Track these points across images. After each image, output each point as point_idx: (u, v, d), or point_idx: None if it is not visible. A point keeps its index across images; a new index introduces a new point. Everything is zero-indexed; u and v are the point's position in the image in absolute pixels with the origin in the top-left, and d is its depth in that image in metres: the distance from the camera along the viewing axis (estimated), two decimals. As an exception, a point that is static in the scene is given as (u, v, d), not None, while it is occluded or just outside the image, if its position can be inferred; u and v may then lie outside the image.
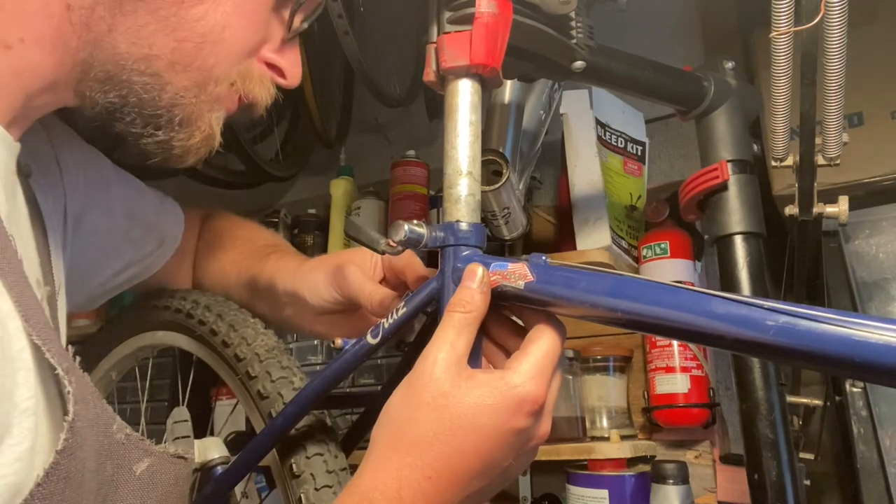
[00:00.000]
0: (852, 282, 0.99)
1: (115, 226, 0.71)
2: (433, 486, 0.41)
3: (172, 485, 0.50)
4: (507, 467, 0.44)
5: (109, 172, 0.72)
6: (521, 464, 0.46)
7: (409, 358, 0.72)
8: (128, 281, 0.77)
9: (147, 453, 0.48)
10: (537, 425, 0.45)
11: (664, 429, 1.17)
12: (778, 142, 0.73)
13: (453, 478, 0.42)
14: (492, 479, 0.44)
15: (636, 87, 0.74)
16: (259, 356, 0.70)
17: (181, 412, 0.78)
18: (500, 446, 0.43)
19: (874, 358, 0.30)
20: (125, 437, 0.45)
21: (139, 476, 0.46)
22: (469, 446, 0.42)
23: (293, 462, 0.65)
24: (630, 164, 1.29)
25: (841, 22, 0.57)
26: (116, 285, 0.76)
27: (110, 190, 0.70)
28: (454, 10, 0.55)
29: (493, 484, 0.45)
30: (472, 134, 0.54)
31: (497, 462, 0.43)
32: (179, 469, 0.52)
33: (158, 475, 0.48)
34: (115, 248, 0.72)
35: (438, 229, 0.54)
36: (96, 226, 0.68)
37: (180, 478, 0.52)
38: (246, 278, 0.76)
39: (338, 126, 1.75)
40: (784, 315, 0.33)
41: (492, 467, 0.43)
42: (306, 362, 1.43)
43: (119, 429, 0.45)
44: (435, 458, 0.42)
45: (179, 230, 0.79)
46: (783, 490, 0.64)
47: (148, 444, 0.48)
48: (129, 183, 0.74)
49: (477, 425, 0.42)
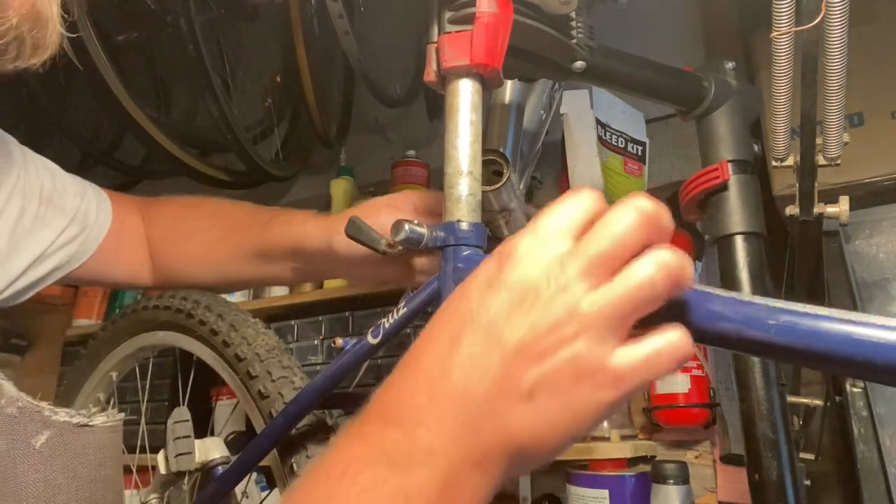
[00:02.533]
0: (853, 282, 0.98)
1: (27, 208, 0.67)
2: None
3: (80, 455, 0.48)
4: (486, 318, 0.36)
5: (14, 152, 0.68)
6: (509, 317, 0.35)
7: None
8: (56, 270, 0.72)
9: (46, 425, 0.46)
10: (504, 269, 0.36)
11: (664, 429, 1.17)
12: (778, 142, 0.73)
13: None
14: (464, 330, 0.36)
15: (636, 87, 0.73)
16: (260, 356, 0.70)
17: (181, 412, 0.78)
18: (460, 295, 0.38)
19: (876, 357, 0.30)
20: (17, 410, 0.44)
21: (39, 449, 0.45)
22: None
23: (294, 462, 0.65)
24: (630, 164, 1.29)
25: (841, 22, 0.57)
26: (42, 276, 0.70)
27: (19, 170, 0.67)
28: (455, 9, 0.55)
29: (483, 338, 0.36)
30: (473, 134, 0.54)
31: (459, 311, 0.37)
32: (87, 438, 0.49)
33: (62, 447, 0.47)
34: (28, 232, 0.67)
35: (439, 229, 0.54)
36: (3, 207, 0.65)
37: (89, 446, 0.49)
38: (249, 250, 0.74)
39: (338, 126, 1.75)
40: (785, 314, 0.33)
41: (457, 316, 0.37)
42: (306, 362, 1.43)
43: (8, 402, 0.43)
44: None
45: (106, 215, 0.76)
46: (783, 490, 0.64)
47: (47, 415, 0.46)
48: (42, 165, 0.71)
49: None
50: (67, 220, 0.71)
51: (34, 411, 0.45)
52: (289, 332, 1.48)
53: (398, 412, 0.36)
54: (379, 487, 0.34)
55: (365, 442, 0.36)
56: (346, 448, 0.37)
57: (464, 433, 0.35)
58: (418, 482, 0.34)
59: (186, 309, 0.78)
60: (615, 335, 0.34)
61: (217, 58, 1.55)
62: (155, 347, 0.87)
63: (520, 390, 0.34)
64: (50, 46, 0.47)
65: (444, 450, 0.35)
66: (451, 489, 0.34)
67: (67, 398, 0.93)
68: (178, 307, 0.79)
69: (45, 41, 0.46)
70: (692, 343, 0.35)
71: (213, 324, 0.75)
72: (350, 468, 0.35)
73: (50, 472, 0.45)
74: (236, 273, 0.76)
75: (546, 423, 0.34)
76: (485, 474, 0.35)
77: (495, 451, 0.35)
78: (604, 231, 0.35)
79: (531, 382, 0.34)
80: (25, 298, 0.70)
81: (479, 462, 0.35)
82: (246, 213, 0.78)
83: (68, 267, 0.73)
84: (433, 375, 0.36)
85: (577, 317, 0.33)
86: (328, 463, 0.36)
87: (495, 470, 0.35)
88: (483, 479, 0.35)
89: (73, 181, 0.74)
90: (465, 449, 0.35)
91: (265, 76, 1.79)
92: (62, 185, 0.72)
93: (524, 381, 0.34)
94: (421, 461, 0.34)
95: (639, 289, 0.33)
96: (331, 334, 1.44)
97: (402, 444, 0.35)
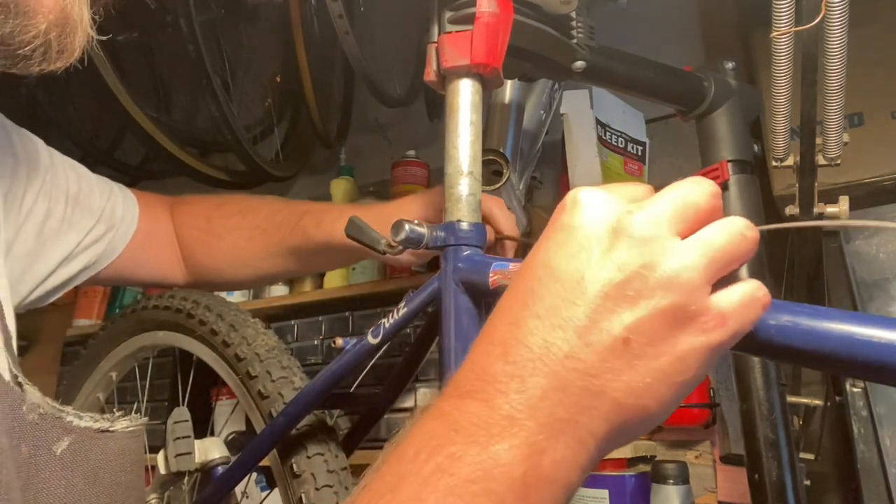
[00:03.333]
0: (853, 282, 0.98)
1: (53, 209, 0.67)
2: None
3: (101, 461, 0.48)
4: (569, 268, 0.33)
5: (42, 154, 0.68)
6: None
7: (410, 358, 0.72)
8: (84, 271, 0.72)
9: (67, 431, 0.45)
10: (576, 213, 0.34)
11: (664, 429, 1.17)
12: (778, 142, 0.73)
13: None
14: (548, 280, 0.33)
15: (637, 87, 0.74)
16: (259, 356, 0.70)
17: (181, 412, 0.78)
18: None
19: (876, 357, 0.30)
20: (38, 416, 0.43)
21: (60, 456, 0.44)
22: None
23: (294, 462, 0.65)
24: (630, 164, 1.29)
25: (841, 22, 0.57)
26: (70, 276, 0.71)
27: (45, 172, 0.67)
28: (455, 9, 0.55)
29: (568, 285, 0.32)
30: (473, 134, 0.54)
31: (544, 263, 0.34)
32: (108, 444, 0.48)
33: (82, 453, 0.46)
34: (55, 233, 0.68)
35: (439, 229, 0.54)
36: (31, 209, 0.65)
37: (110, 453, 0.49)
38: (281, 250, 0.77)
39: (338, 126, 1.75)
40: (786, 314, 0.33)
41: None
42: (306, 362, 1.43)
43: (30, 409, 0.43)
44: None
45: (133, 214, 0.76)
46: (783, 490, 0.64)
47: (68, 421, 0.45)
48: (70, 167, 0.71)
49: None
50: (94, 219, 0.72)
51: (55, 417, 0.45)
52: (289, 332, 1.47)
53: (473, 384, 0.33)
54: (456, 465, 0.30)
55: (441, 419, 0.32)
56: (421, 427, 0.33)
57: (548, 396, 0.31)
58: (498, 455, 0.30)
59: (186, 309, 0.78)
60: (710, 282, 0.31)
61: (217, 58, 1.55)
62: (155, 347, 0.87)
63: (612, 339, 0.30)
64: (77, 50, 0.46)
65: (526, 416, 0.31)
66: (537, 462, 0.30)
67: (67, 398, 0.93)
68: (178, 307, 0.79)
69: (73, 46, 0.45)
70: None
71: (212, 324, 0.74)
72: (425, 448, 0.31)
73: (71, 478, 0.45)
74: (270, 270, 0.79)
75: (648, 375, 0.30)
76: (578, 444, 0.31)
77: (589, 414, 0.31)
78: (674, 193, 0.33)
79: (625, 329, 0.30)
80: (54, 299, 0.71)
81: (569, 429, 0.31)
82: (274, 211, 0.80)
83: (97, 266, 0.73)
84: (508, 338, 0.33)
85: (675, 257, 0.31)
86: (403, 445, 0.32)
87: (590, 438, 0.31)
88: (576, 449, 0.31)
89: (100, 181, 0.74)
90: (550, 414, 0.31)
91: (265, 76, 1.79)
92: (88, 185, 0.72)
93: (616, 327, 0.31)
94: (501, 432, 0.30)
95: (729, 238, 0.32)
96: (331, 334, 1.43)
97: (479, 416, 0.31)
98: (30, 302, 0.67)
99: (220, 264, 0.81)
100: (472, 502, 0.29)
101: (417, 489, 0.30)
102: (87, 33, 0.46)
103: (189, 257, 0.82)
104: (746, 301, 0.32)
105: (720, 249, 0.32)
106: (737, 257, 0.32)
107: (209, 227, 0.81)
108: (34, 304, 0.69)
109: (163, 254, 0.81)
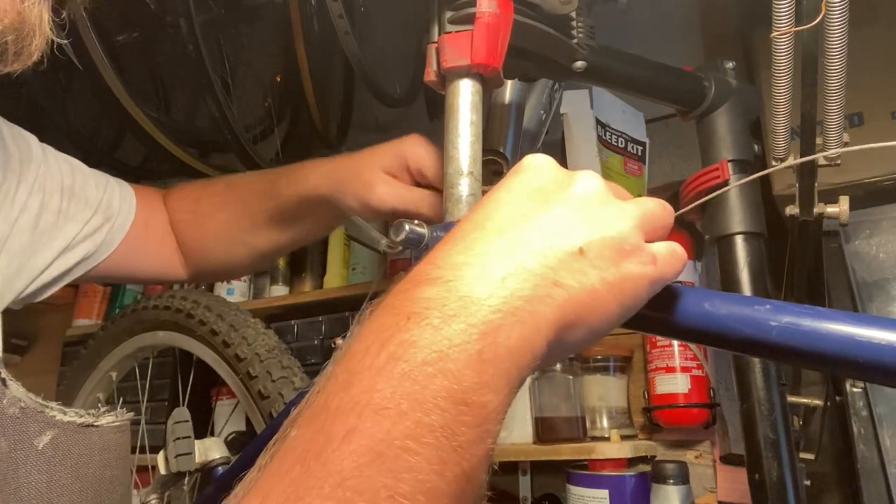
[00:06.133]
0: (853, 282, 0.98)
1: (48, 202, 0.67)
2: None
3: (85, 456, 0.47)
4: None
5: (34, 149, 0.68)
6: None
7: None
8: (82, 262, 0.72)
9: (49, 426, 0.45)
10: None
11: (664, 429, 1.17)
12: (778, 142, 0.72)
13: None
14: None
15: (637, 87, 0.73)
16: (260, 356, 0.70)
17: (181, 412, 0.78)
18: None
19: (876, 358, 0.30)
20: (19, 410, 0.43)
21: (42, 450, 0.44)
22: None
23: (294, 462, 0.65)
24: (630, 164, 1.29)
25: (841, 22, 0.57)
26: (67, 269, 0.70)
27: (38, 165, 0.67)
28: (455, 9, 0.55)
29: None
30: (473, 134, 0.54)
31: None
32: (92, 439, 0.48)
33: (65, 447, 0.46)
34: (52, 226, 0.67)
35: (440, 229, 0.54)
36: (25, 203, 0.64)
37: (94, 447, 0.48)
38: (265, 218, 0.76)
39: (338, 126, 1.75)
40: (786, 315, 0.33)
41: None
42: (306, 362, 1.43)
43: (11, 403, 0.42)
44: None
45: (130, 205, 0.76)
46: (783, 490, 0.64)
47: (51, 416, 0.45)
48: (63, 160, 0.71)
49: None
50: (91, 210, 0.71)
51: (37, 411, 0.44)
52: (289, 332, 1.47)
53: (430, 272, 0.32)
54: (410, 351, 0.29)
55: (391, 311, 0.31)
56: (370, 324, 0.32)
57: (508, 280, 0.32)
58: (454, 336, 0.29)
59: (186, 309, 0.78)
60: (644, 231, 0.37)
61: (217, 58, 1.55)
62: (155, 347, 0.87)
63: (571, 246, 0.34)
64: (34, 53, 0.46)
65: (484, 297, 0.31)
66: (493, 340, 0.30)
67: (67, 398, 0.93)
68: (178, 307, 0.79)
69: (30, 49, 0.45)
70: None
71: (213, 324, 0.75)
72: (375, 341, 0.30)
73: (54, 473, 0.45)
74: (261, 245, 0.77)
75: (598, 282, 0.34)
76: (533, 329, 0.31)
77: (544, 301, 0.32)
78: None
79: (582, 241, 0.34)
80: (51, 293, 0.71)
81: (525, 314, 0.31)
82: (251, 181, 0.79)
83: (95, 258, 0.73)
84: (469, 230, 0.35)
85: (621, 205, 0.37)
86: (352, 345, 0.31)
87: (544, 325, 0.32)
88: (532, 333, 0.31)
89: (95, 173, 0.74)
90: (510, 295, 0.31)
91: (265, 76, 1.79)
92: (83, 177, 0.72)
93: (574, 237, 0.34)
94: (457, 312, 0.30)
95: (656, 207, 0.39)
96: (331, 334, 1.44)
97: (435, 299, 0.31)
98: (26, 296, 0.67)
99: (211, 245, 0.80)
100: (429, 384, 0.28)
101: (371, 381, 0.29)
102: (46, 36, 0.46)
103: (183, 243, 0.81)
104: (672, 251, 0.38)
105: (651, 210, 0.39)
106: (662, 220, 0.39)
107: (197, 208, 0.80)
108: (31, 299, 0.68)
109: (161, 246, 0.80)
